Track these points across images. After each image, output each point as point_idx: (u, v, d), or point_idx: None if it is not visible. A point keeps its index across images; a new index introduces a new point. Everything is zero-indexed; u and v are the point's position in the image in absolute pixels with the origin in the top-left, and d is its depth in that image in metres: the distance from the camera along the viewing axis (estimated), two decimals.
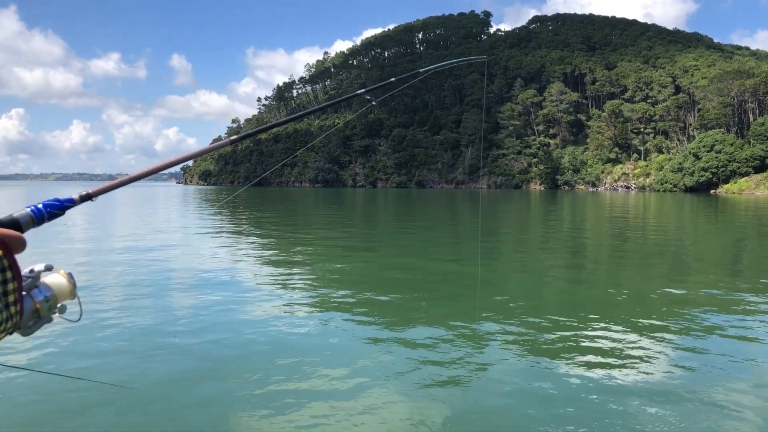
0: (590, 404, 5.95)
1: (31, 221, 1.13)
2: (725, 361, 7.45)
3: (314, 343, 8.22)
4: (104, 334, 8.41)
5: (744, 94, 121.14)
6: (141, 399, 5.94)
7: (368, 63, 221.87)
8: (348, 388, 6.33)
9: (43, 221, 1.16)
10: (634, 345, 8.04)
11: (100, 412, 5.64)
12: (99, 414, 5.61)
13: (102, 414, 5.62)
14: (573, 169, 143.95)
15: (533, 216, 44.50)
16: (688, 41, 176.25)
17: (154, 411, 5.68)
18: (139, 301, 10.77)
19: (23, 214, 1.12)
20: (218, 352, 7.65)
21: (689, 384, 6.59)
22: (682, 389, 6.40)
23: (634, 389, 6.35)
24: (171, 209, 48.37)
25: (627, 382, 6.59)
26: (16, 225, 1.09)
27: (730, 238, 26.45)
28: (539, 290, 13.17)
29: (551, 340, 8.37)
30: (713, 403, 6.01)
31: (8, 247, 0.95)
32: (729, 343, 8.30)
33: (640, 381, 6.62)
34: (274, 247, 21.21)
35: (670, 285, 13.43)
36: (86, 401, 5.86)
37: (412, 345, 8.07)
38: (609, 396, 6.15)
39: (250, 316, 9.73)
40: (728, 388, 6.46)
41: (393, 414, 5.69)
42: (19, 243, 1.00)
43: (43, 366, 6.82)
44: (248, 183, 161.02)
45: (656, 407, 5.86)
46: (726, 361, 7.45)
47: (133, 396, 5.99)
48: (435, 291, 12.43)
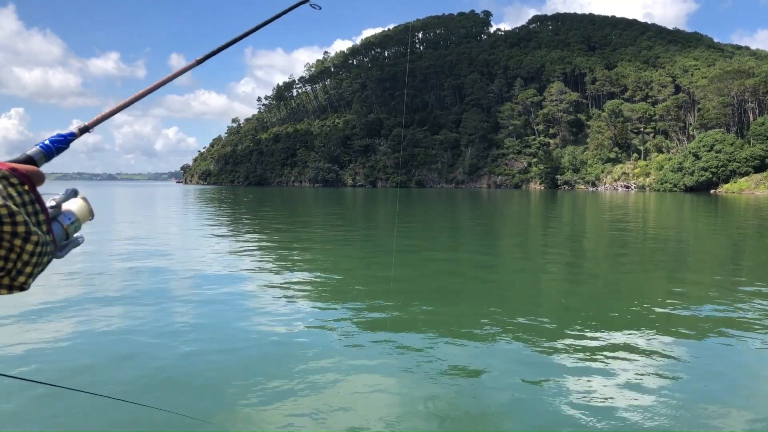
0: (590, 404, 5.92)
1: (43, 157, 1.21)
2: (726, 360, 7.43)
3: (314, 341, 8.19)
4: (103, 336, 8.37)
5: (744, 94, 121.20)
6: (134, 399, 5.90)
7: (368, 63, 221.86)
8: (344, 388, 6.29)
9: (52, 156, 1.24)
10: (635, 344, 8.01)
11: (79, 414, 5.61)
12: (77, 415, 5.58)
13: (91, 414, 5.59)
14: (573, 169, 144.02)
15: (533, 216, 44.48)
16: (688, 41, 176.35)
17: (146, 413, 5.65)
18: (137, 306, 10.73)
19: (35, 151, 1.20)
20: (216, 353, 7.62)
21: (690, 383, 6.56)
22: (682, 389, 6.37)
23: (634, 389, 6.32)
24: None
25: (627, 381, 6.56)
26: (31, 161, 1.17)
27: (730, 237, 26.43)
28: (540, 289, 13.14)
29: (551, 339, 8.34)
30: (714, 402, 5.98)
31: (32, 181, 1.01)
32: (729, 342, 8.27)
33: (640, 380, 6.59)
34: (274, 246, 21.19)
35: (671, 285, 13.41)
36: (76, 409, 5.83)
37: (411, 343, 8.04)
38: (609, 395, 6.12)
39: (250, 316, 9.70)
40: (729, 387, 6.44)
41: (392, 413, 5.66)
42: (39, 177, 1.06)
43: (33, 374, 6.79)
44: (246, 182, 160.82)
45: (656, 407, 5.83)
46: (727, 360, 7.43)
47: (125, 396, 5.95)
48: (435, 289, 12.40)
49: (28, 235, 0.92)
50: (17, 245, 0.92)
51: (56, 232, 1.16)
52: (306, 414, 5.64)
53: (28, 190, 0.99)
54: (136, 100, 1.50)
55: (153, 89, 1.50)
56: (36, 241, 0.94)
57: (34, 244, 0.94)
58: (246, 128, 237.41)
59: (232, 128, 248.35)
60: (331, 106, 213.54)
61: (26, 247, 0.93)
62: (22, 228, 0.91)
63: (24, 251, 0.93)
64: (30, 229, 0.92)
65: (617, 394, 6.21)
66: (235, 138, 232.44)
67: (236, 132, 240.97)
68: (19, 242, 0.92)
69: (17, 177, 0.98)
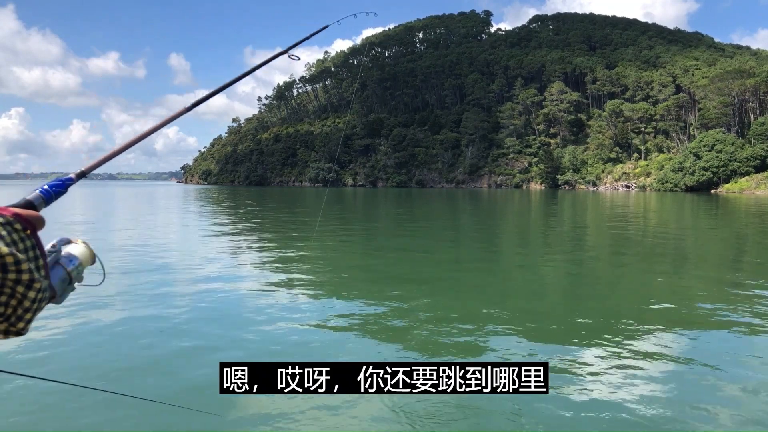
0: (590, 404, 5.94)
1: (43, 202, 1.21)
2: (726, 360, 7.45)
3: (313, 340, 8.22)
4: (105, 335, 8.40)
5: (744, 94, 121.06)
6: (132, 393, 5.93)
7: (369, 62, 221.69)
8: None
9: (51, 200, 1.25)
10: (635, 344, 8.03)
11: (89, 414, 5.64)
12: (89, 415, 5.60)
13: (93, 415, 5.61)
14: (573, 169, 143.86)
15: (535, 216, 44.48)
16: (689, 41, 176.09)
17: (143, 410, 5.68)
18: (140, 304, 10.76)
19: (35, 196, 1.20)
20: (218, 351, 7.65)
21: (690, 383, 6.59)
22: (683, 389, 6.39)
23: (635, 388, 6.34)
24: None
25: (627, 381, 6.58)
26: (31, 206, 1.18)
27: (731, 237, 26.43)
28: (541, 288, 13.16)
29: (551, 338, 8.36)
30: (714, 402, 6.01)
31: (34, 227, 1.03)
32: (730, 342, 8.29)
33: (640, 380, 6.61)
34: (274, 246, 21.22)
35: (671, 284, 13.42)
36: (81, 405, 5.85)
37: (411, 341, 8.06)
38: (609, 395, 6.15)
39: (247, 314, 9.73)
40: (729, 387, 6.46)
41: (392, 412, 5.68)
42: (40, 222, 1.07)
43: (38, 370, 6.82)
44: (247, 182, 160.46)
45: (657, 407, 5.85)
46: (727, 360, 7.45)
47: (122, 393, 5.98)
48: (436, 289, 12.42)
49: (31, 283, 0.93)
50: (20, 292, 0.92)
51: (59, 276, 1.16)
52: (306, 413, 5.66)
53: (30, 235, 1.00)
54: (129, 146, 1.50)
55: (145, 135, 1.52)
56: (38, 288, 0.95)
57: (36, 291, 0.95)
58: (246, 128, 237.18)
59: (233, 128, 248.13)
60: (331, 106, 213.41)
61: (29, 294, 0.93)
62: (26, 276, 0.92)
63: (26, 298, 0.93)
64: (34, 276, 0.93)
65: (617, 393, 6.23)
66: (236, 138, 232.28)
67: (237, 132, 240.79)
68: (21, 289, 0.92)
69: (21, 223, 0.99)
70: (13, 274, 0.90)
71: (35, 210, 1.16)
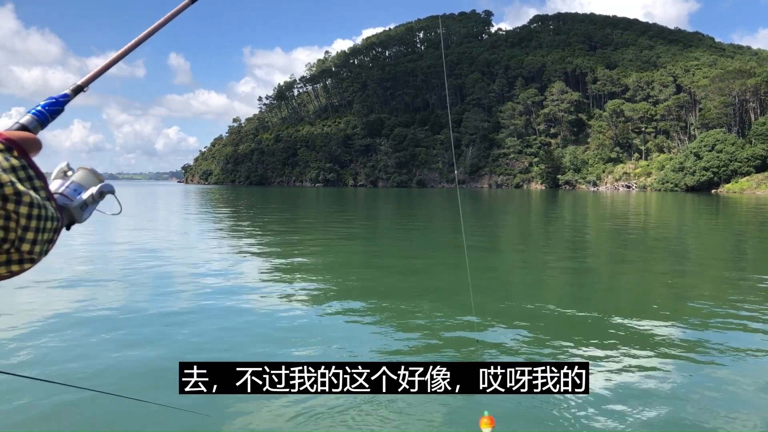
0: (590, 404, 5.91)
1: (38, 124, 1.15)
2: (726, 359, 7.41)
3: (311, 339, 8.19)
4: (105, 335, 8.38)
5: (745, 94, 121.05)
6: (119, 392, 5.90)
7: (369, 62, 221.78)
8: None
9: (48, 122, 1.18)
10: (634, 343, 8.00)
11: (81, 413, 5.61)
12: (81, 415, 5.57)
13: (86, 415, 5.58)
14: (574, 169, 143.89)
15: (535, 215, 44.45)
16: (690, 41, 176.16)
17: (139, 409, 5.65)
18: (140, 303, 10.74)
19: (28, 120, 1.14)
20: (219, 351, 7.63)
21: (690, 383, 6.55)
22: (683, 389, 6.36)
23: (634, 388, 6.31)
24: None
25: (627, 381, 6.55)
26: (24, 130, 1.13)
27: (731, 237, 26.39)
28: (542, 288, 13.13)
29: (551, 337, 8.33)
30: (714, 402, 5.97)
31: (22, 148, 0.99)
32: (730, 341, 8.25)
33: (640, 380, 6.58)
34: (273, 246, 21.21)
35: (672, 284, 13.39)
36: (75, 405, 5.83)
37: (411, 337, 8.03)
38: (608, 395, 6.11)
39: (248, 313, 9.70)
40: (729, 386, 6.42)
41: (392, 411, 5.65)
42: (34, 144, 1.04)
43: (29, 370, 6.80)
44: (247, 182, 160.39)
45: (657, 407, 5.82)
46: (727, 359, 7.41)
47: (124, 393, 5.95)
48: (433, 288, 12.40)
49: (18, 197, 0.90)
50: (10, 210, 0.90)
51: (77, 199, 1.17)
52: (306, 412, 5.63)
53: (18, 156, 0.97)
54: (130, 50, 1.42)
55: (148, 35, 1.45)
56: (29, 202, 0.92)
57: (28, 206, 0.92)
58: (247, 128, 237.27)
59: (233, 128, 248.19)
60: (331, 106, 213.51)
61: (20, 210, 0.91)
62: (9, 189, 0.89)
63: (19, 215, 0.91)
64: (18, 189, 0.90)
65: (617, 393, 6.20)
66: (236, 138, 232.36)
67: (237, 132, 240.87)
68: (11, 206, 0.90)
69: (3, 142, 0.97)
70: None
71: (31, 133, 1.12)
